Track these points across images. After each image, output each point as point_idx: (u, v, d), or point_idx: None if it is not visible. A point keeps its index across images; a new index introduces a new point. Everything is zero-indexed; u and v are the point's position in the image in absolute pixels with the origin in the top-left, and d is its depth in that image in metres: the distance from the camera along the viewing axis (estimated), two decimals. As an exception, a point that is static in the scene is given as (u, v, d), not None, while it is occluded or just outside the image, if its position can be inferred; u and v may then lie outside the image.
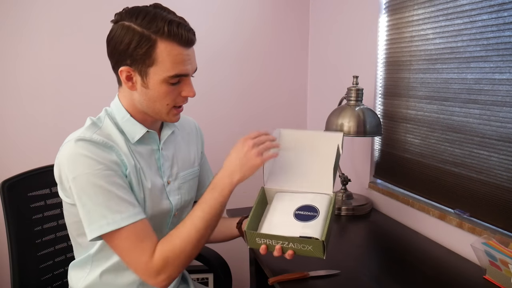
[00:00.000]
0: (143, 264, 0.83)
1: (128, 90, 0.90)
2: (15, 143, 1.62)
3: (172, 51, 0.84)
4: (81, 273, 0.96)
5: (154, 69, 0.85)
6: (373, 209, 1.50)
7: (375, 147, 1.56)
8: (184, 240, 0.85)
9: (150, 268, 0.83)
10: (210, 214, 0.87)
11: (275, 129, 1.08)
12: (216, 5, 1.82)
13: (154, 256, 0.83)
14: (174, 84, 0.88)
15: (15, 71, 1.59)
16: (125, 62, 0.85)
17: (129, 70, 0.86)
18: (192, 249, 0.86)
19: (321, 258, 0.84)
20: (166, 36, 0.82)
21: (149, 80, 0.86)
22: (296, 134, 1.06)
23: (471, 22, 1.08)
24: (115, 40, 0.85)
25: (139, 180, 0.90)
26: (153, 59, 0.83)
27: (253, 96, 1.97)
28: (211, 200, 0.87)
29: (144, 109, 0.92)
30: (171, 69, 0.85)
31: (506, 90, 1.00)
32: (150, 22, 0.82)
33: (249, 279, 1.39)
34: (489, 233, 1.03)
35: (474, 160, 1.11)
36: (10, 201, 1.08)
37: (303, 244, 0.84)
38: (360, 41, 1.61)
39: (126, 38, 0.83)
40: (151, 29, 0.82)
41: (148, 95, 0.88)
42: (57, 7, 1.59)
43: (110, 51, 0.87)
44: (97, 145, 0.84)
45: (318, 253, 0.84)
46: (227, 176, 0.88)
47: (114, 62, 0.88)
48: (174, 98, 0.90)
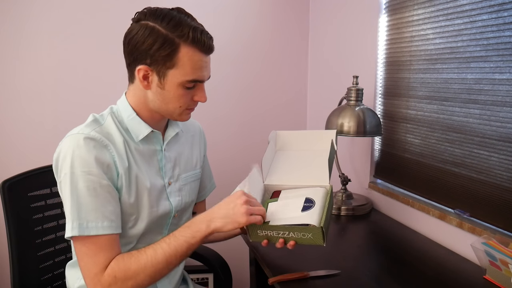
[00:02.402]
0: (92, 274, 0.82)
1: (141, 88, 0.90)
2: (15, 143, 1.63)
3: (193, 57, 0.86)
4: (78, 273, 0.95)
5: (173, 72, 0.86)
6: (373, 209, 1.50)
7: (375, 147, 1.56)
8: (139, 267, 0.83)
9: (97, 282, 0.82)
10: (175, 251, 0.84)
11: (272, 131, 1.11)
12: (215, 5, 1.82)
13: (106, 271, 0.82)
14: (189, 88, 0.89)
15: (15, 72, 1.59)
16: (145, 61, 0.86)
17: (147, 70, 0.87)
18: (144, 279, 0.83)
19: (322, 245, 0.85)
20: (190, 41, 0.84)
21: (166, 81, 0.87)
22: (292, 134, 1.12)
23: (471, 22, 1.08)
24: (136, 39, 0.85)
25: (131, 183, 0.90)
26: (174, 62, 0.85)
27: (253, 96, 1.97)
28: (181, 238, 0.85)
29: (156, 108, 0.92)
30: (190, 74, 0.87)
31: (506, 90, 1.00)
32: (175, 26, 0.84)
33: (249, 279, 1.39)
34: (489, 233, 1.03)
35: (474, 160, 1.11)
36: (10, 201, 1.08)
37: (303, 232, 0.85)
38: (360, 41, 1.61)
39: (150, 39, 0.84)
40: (176, 33, 0.83)
41: (162, 96, 0.89)
42: (56, 8, 1.59)
43: (129, 49, 0.87)
44: (94, 142, 0.84)
45: (319, 240, 0.85)
46: (207, 221, 0.85)
47: (131, 60, 0.88)
48: (187, 101, 0.91)
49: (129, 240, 0.94)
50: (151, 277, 0.84)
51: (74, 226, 0.81)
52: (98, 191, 0.83)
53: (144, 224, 0.93)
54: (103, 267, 0.82)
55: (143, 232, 0.94)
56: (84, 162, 0.82)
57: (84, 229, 0.81)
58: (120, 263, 0.83)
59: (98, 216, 0.83)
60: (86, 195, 0.82)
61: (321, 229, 0.83)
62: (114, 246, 0.85)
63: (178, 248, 0.84)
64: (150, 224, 0.95)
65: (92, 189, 0.82)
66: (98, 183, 0.83)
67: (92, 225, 0.82)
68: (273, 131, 1.12)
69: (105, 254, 0.83)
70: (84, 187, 0.82)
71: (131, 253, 0.85)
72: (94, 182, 0.83)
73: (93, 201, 0.82)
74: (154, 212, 0.95)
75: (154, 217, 0.95)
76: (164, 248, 0.84)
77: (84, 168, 0.82)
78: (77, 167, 0.82)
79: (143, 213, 0.93)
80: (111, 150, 0.87)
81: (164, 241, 0.86)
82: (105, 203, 0.84)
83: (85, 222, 0.81)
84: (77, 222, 0.81)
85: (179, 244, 0.85)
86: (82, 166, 0.82)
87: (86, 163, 0.82)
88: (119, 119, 0.93)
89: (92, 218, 0.82)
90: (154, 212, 0.95)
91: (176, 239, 0.85)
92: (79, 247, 0.84)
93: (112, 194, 0.86)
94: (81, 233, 0.81)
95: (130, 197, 0.90)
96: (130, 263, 0.83)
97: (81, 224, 0.81)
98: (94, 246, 0.83)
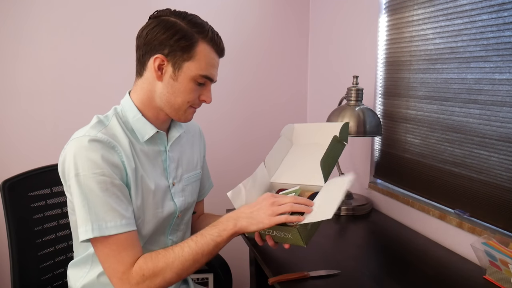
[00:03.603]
0: (119, 273, 0.83)
1: (150, 81, 0.91)
2: (15, 143, 1.63)
3: (209, 54, 0.91)
4: (80, 273, 0.96)
5: (189, 64, 0.89)
6: (373, 209, 1.50)
7: (375, 147, 1.56)
8: (167, 264, 0.84)
9: (124, 280, 0.83)
10: (201, 249, 0.86)
11: (287, 125, 1.14)
12: (215, 4, 1.82)
13: (133, 269, 0.83)
14: (200, 84, 0.92)
15: (15, 71, 1.59)
16: (162, 51, 0.88)
17: (164, 60, 0.89)
18: (172, 276, 0.84)
19: (303, 246, 0.87)
20: (208, 39, 0.90)
21: (181, 73, 0.89)
22: (308, 127, 1.17)
23: (471, 22, 1.08)
24: (156, 30, 0.88)
25: (138, 184, 0.90)
26: (191, 55, 0.89)
27: (253, 96, 1.97)
28: (208, 236, 0.87)
29: (163, 102, 0.92)
30: (204, 69, 0.91)
31: (506, 90, 1.00)
32: (195, 24, 0.89)
33: (249, 279, 1.39)
34: (489, 233, 1.03)
35: (474, 160, 1.11)
36: (11, 201, 1.08)
37: (284, 232, 0.87)
38: (360, 41, 1.61)
39: (171, 30, 0.87)
40: (196, 29, 0.89)
41: (174, 88, 0.91)
42: (56, 7, 1.59)
43: (146, 40, 0.89)
44: (101, 144, 0.84)
45: (298, 241, 0.86)
46: (233, 219, 0.88)
47: (146, 50, 0.90)
48: (194, 98, 0.93)
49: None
50: (178, 274, 0.85)
51: (94, 228, 0.81)
52: (112, 190, 0.83)
53: (150, 225, 0.94)
54: (129, 265, 0.83)
55: (150, 233, 0.94)
56: (93, 164, 0.82)
57: (104, 230, 0.82)
58: (148, 261, 0.84)
59: (116, 215, 0.83)
60: (101, 196, 0.82)
61: (297, 230, 0.84)
62: (135, 243, 0.86)
63: (205, 246, 0.86)
64: (156, 225, 0.95)
65: (105, 190, 0.82)
66: (110, 183, 0.83)
67: (111, 225, 0.82)
68: (289, 125, 1.14)
69: (128, 253, 0.84)
70: (97, 189, 0.82)
71: (158, 251, 0.87)
72: (107, 182, 0.83)
73: (108, 201, 0.83)
74: (159, 213, 0.95)
75: (159, 219, 0.95)
76: (191, 246, 0.86)
77: (95, 169, 0.82)
78: (87, 170, 0.81)
79: (149, 215, 0.93)
80: (119, 151, 0.87)
81: (191, 239, 0.87)
82: (119, 201, 0.84)
83: (104, 223, 0.82)
84: (97, 224, 0.81)
85: (205, 243, 0.86)
86: (92, 168, 0.82)
87: (96, 165, 0.82)
88: (124, 119, 0.93)
89: (110, 218, 0.82)
90: (159, 213, 0.95)
91: (203, 237, 0.87)
92: (100, 248, 0.84)
93: (125, 193, 0.87)
94: (102, 233, 0.81)
95: (137, 200, 0.90)
96: (157, 260, 0.84)
97: (100, 225, 0.81)
98: (115, 246, 0.83)
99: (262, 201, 0.88)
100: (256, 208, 0.87)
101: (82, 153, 0.82)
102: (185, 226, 1.07)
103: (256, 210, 0.87)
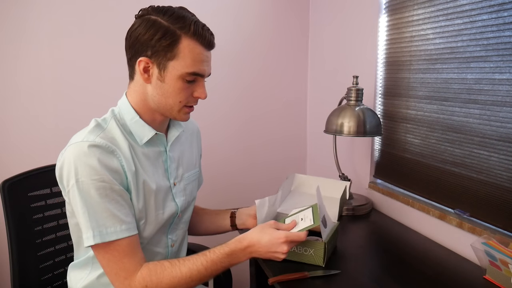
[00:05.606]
0: (122, 279, 0.83)
1: (141, 84, 0.90)
2: (15, 143, 1.62)
3: (194, 49, 0.86)
4: (81, 274, 0.96)
5: (174, 64, 0.86)
6: (373, 209, 1.50)
7: (375, 147, 1.56)
8: (172, 284, 0.84)
9: (127, 286, 0.83)
10: (210, 275, 0.87)
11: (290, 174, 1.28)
12: (215, 4, 1.82)
13: (136, 278, 0.84)
14: (189, 82, 0.89)
15: (15, 71, 1.59)
16: (146, 53, 0.86)
17: (148, 62, 0.87)
18: None
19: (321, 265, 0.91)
20: (191, 34, 0.85)
21: (167, 74, 0.87)
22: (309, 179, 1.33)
23: (471, 22, 1.08)
24: (138, 32, 0.86)
25: (139, 187, 0.90)
26: (175, 53, 0.85)
27: (253, 96, 1.97)
28: (219, 264, 0.88)
29: (156, 104, 0.91)
30: (190, 66, 0.87)
31: (506, 90, 1.00)
32: (177, 19, 0.85)
33: (249, 279, 1.39)
34: (489, 233, 1.03)
35: (474, 160, 1.11)
36: (11, 201, 1.08)
37: (305, 247, 0.91)
38: (360, 41, 1.61)
39: (152, 30, 0.85)
40: (177, 25, 0.85)
41: (162, 89, 0.89)
42: (57, 7, 1.59)
43: (130, 42, 0.88)
44: (100, 149, 0.83)
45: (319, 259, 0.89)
46: (248, 253, 0.90)
47: (132, 54, 0.88)
48: (187, 96, 0.91)
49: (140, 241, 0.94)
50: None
51: (96, 234, 0.81)
52: (111, 196, 0.83)
53: (152, 227, 0.94)
54: (131, 272, 0.84)
55: (151, 234, 0.95)
56: (92, 170, 0.81)
57: (105, 236, 0.82)
58: (152, 274, 0.84)
59: (116, 220, 0.83)
60: (100, 202, 0.82)
61: (324, 244, 0.84)
62: (136, 248, 0.86)
63: (214, 272, 0.88)
64: (158, 226, 0.95)
65: (105, 196, 0.82)
66: (109, 189, 0.83)
67: (111, 231, 0.82)
68: (292, 174, 1.33)
69: (130, 259, 0.84)
70: (97, 195, 0.82)
71: (163, 265, 0.86)
72: (106, 188, 0.82)
73: (108, 207, 0.82)
74: (160, 214, 0.95)
75: (161, 220, 0.95)
76: (200, 271, 0.86)
77: (94, 176, 0.81)
78: (86, 176, 0.81)
79: (151, 217, 0.93)
80: (118, 156, 0.86)
81: (201, 264, 0.87)
82: (119, 207, 0.84)
83: (104, 229, 0.82)
84: (98, 230, 0.82)
85: (215, 269, 0.88)
86: (91, 175, 0.81)
87: (95, 171, 0.81)
88: (122, 122, 0.92)
89: (110, 224, 0.82)
90: (160, 214, 0.95)
91: (214, 264, 0.87)
92: (102, 254, 0.84)
93: (125, 198, 0.86)
94: (103, 239, 0.82)
95: (139, 202, 0.90)
96: (163, 276, 0.84)
97: (101, 232, 0.82)
98: (117, 251, 0.83)
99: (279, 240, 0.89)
100: (274, 248, 0.89)
101: (81, 160, 0.81)
102: (184, 225, 1.08)
103: (273, 250, 0.89)
